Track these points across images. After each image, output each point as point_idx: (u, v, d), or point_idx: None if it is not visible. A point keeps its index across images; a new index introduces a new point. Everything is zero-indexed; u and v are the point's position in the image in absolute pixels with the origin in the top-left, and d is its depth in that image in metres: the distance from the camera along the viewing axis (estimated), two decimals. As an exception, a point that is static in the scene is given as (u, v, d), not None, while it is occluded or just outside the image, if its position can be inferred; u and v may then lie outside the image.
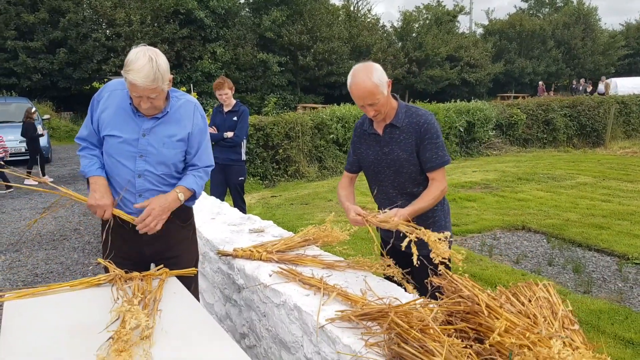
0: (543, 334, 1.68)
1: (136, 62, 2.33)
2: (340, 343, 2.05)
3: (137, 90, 2.38)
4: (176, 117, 2.62)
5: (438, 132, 2.74)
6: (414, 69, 35.02)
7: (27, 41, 23.95)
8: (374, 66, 2.66)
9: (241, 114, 6.01)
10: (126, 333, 1.70)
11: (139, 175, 2.58)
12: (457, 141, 14.23)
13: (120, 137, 2.54)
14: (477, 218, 7.19)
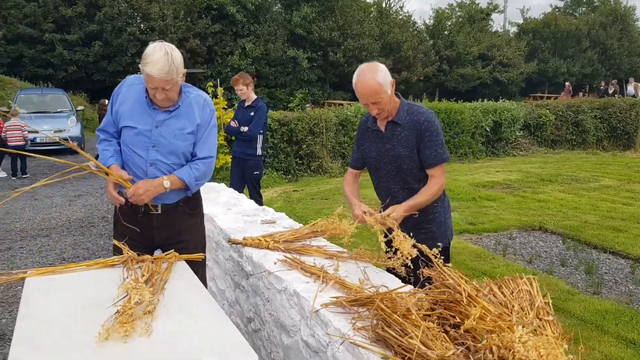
0: (513, 322, 1.79)
1: (153, 55, 2.52)
2: (332, 326, 2.18)
3: (153, 82, 2.56)
4: (187, 111, 2.80)
5: (438, 130, 2.85)
6: (444, 67, 34.82)
7: (64, 34, 24.64)
8: (379, 66, 2.78)
9: (258, 109, 6.18)
10: (130, 307, 1.87)
11: (150, 164, 2.78)
12: (482, 141, 14.18)
13: (135, 128, 2.74)
14: (495, 217, 7.23)
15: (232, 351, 1.71)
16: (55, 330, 1.84)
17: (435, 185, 2.82)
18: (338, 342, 2.13)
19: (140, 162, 2.78)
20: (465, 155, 13.73)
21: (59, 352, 1.69)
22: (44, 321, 1.90)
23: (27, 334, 1.82)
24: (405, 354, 1.85)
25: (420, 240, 2.97)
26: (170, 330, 1.85)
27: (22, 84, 22.00)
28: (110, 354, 1.67)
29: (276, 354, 2.84)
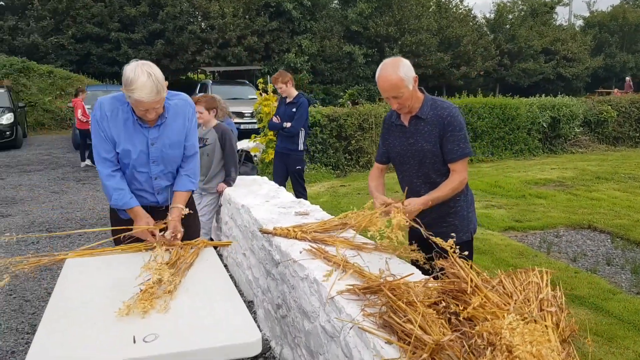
0: (510, 311, 1.84)
1: (137, 81, 2.55)
2: (344, 312, 2.28)
3: (143, 106, 2.64)
4: (174, 119, 2.92)
5: (461, 124, 2.87)
6: (505, 61, 33.95)
7: (129, 33, 25.64)
8: (401, 61, 2.82)
9: (299, 105, 6.31)
10: (152, 286, 2.03)
11: (155, 177, 2.96)
12: (539, 137, 13.80)
13: (133, 149, 2.84)
14: (542, 215, 7.09)
15: (237, 330, 1.83)
16: (84, 303, 2.03)
17: (455, 180, 2.85)
18: (349, 327, 2.22)
19: (145, 177, 2.95)
20: (521, 152, 13.42)
21: (83, 321, 1.87)
22: (75, 295, 2.10)
23: (59, 305, 2.01)
24: (407, 339, 1.92)
25: (442, 234, 3.01)
26: (186, 308, 2.00)
27: (90, 80, 23.08)
28: (128, 326, 1.83)
29: (299, 339, 2.96)
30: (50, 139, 17.59)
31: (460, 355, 1.71)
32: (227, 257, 5.24)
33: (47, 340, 1.74)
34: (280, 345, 3.41)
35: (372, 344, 2.01)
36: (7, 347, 3.64)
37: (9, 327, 3.96)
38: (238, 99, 16.33)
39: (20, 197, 8.78)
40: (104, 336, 1.77)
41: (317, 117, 10.42)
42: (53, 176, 10.78)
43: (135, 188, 2.96)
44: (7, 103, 15.48)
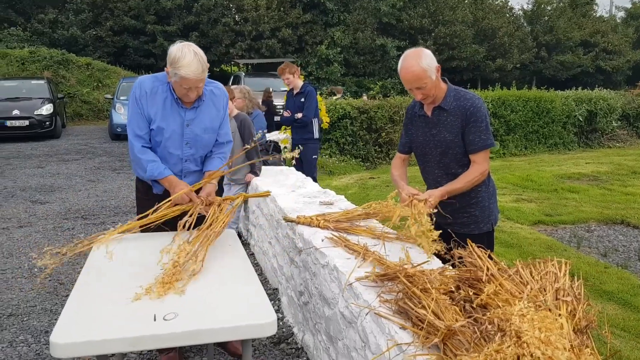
0: (524, 298, 1.84)
1: (184, 58, 2.66)
2: (361, 298, 2.32)
3: (188, 83, 2.73)
4: (209, 104, 3.01)
5: (484, 115, 2.85)
6: (542, 54, 33.28)
7: (165, 25, 26.05)
8: (423, 51, 2.82)
9: (307, 94, 6.38)
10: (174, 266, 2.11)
11: (185, 160, 3.03)
12: (575, 131, 13.53)
13: (168, 128, 2.92)
14: (574, 209, 6.98)
15: (254, 311, 1.89)
16: (109, 283, 2.12)
17: (476, 172, 2.84)
18: (365, 313, 2.26)
19: (176, 159, 3.01)
20: (555, 145, 13.19)
21: (107, 300, 1.95)
22: (101, 276, 2.19)
23: (86, 284, 2.11)
24: (421, 324, 1.95)
25: (462, 224, 3.04)
26: (206, 289, 2.07)
27: (126, 72, 23.53)
28: (150, 305, 1.91)
29: (320, 325, 3.01)
30: (88, 130, 18.03)
31: (472, 340, 1.73)
32: (254, 246, 5.32)
33: (72, 318, 1.82)
34: (302, 332, 3.46)
35: (387, 329, 2.04)
36: (42, 327, 3.80)
37: (43, 308, 4.12)
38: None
39: (58, 185, 9.05)
40: (126, 314, 1.84)
41: (347, 109, 10.43)
42: (89, 165, 11.07)
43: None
44: (47, 94, 15.91)
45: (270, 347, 3.49)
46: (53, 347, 1.65)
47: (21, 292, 4.44)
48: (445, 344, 1.81)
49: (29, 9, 26.80)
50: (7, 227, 6.42)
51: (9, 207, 7.44)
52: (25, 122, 14.57)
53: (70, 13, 26.43)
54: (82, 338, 1.67)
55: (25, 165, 11.06)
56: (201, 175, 3.14)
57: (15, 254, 5.42)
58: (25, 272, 4.91)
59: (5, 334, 3.70)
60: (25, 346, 3.53)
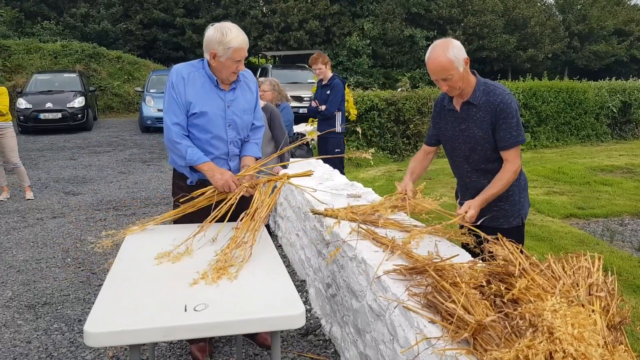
0: (556, 293, 1.81)
1: (231, 32, 2.78)
2: (390, 292, 2.31)
3: (241, 53, 2.83)
4: (243, 87, 3.06)
5: (514, 111, 2.76)
6: (575, 43, 32.57)
7: (193, 18, 26.26)
8: (452, 42, 2.76)
9: (333, 87, 6.34)
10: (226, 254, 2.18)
11: (230, 142, 3.04)
12: (608, 122, 13.23)
13: (210, 112, 2.94)
14: (607, 202, 6.83)
15: (282, 303, 1.90)
16: (141, 273, 2.15)
17: (508, 172, 2.77)
18: (394, 306, 2.25)
19: (221, 143, 3.01)
20: (588, 137, 12.91)
21: (140, 290, 1.99)
22: (133, 266, 2.23)
23: (118, 275, 2.15)
24: (450, 319, 1.94)
25: (491, 218, 2.99)
26: (235, 281, 2.09)
27: (156, 65, 23.81)
28: (181, 296, 1.93)
29: (347, 317, 3.01)
30: (119, 122, 18.32)
31: (502, 335, 1.71)
32: (282, 238, 5.35)
33: (106, 307, 1.86)
34: (329, 324, 3.48)
35: (416, 323, 2.04)
36: (75, 316, 3.89)
37: (77, 297, 4.21)
38: (297, 83, 16.47)
39: (90, 177, 9.23)
40: (157, 304, 1.87)
41: (374, 100, 10.37)
42: (120, 157, 11.26)
43: (210, 154, 2.99)
44: (79, 87, 16.22)
45: (298, 339, 3.51)
46: (87, 336, 1.69)
47: (55, 281, 4.55)
48: (475, 339, 1.80)
49: (61, 3, 27.28)
50: (41, 218, 6.58)
51: (43, 198, 7.61)
52: (58, 114, 14.89)
53: (101, 7, 26.83)
54: (115, 327, 1.70)
55: (58, 157, 11.30)
56: (240, 160, 3.15)
57: (49, 244, 5.55)
58: (59, 261, 5.03)
59: (40, 322, 3.80)
60: (60, 334, 3.62)
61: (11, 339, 3.56)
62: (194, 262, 2.29)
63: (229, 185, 2.87)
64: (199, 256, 2.36)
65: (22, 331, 3.66)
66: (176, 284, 2.05)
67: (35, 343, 3.50)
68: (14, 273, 4.73)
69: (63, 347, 3.44)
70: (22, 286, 4.44)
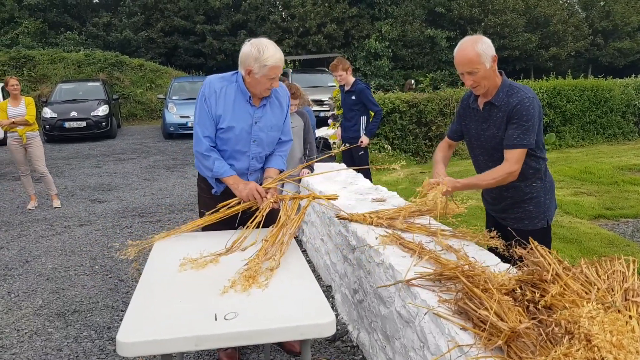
0: (592, 299, 1.77)
1: (268, 50, 2.78)
2: (419, 298, 2.28)
3: (277, 71, 2.84)
4: (274, 103, 3.06)
5: (530, 114, 2.68)
6: (598, 40, 32.06)
7: (213, 24, 26.50)
8: (482, 38, 2.74)
9: (359, 92, 6.29)
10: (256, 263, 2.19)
11: (252, 157, 3.07)
12: (635, 120, 12.98)
13: (238, 127, 2.96)
14: (637, 203, 6.69)
15: (312, 311, 1.90)
16: (171, 282, 2.17)
17: (501, 171, 2.70)
18: (424, 313, 2.23)
19: (243, 157, 3.05)
20: (614, 136, 12.68)
21: (170, 299, 2.00)
22: (163, 275, 2.25)
23: (149, 283, 2.17)
24: (482, 326, 1.91)
25: (516, 219, 2.96)
26: (265, 289, 2.09)
27: (177, 72, 24.06)
28: (211, 304, 1.93)
29: (375, 323, 2.99)
30: (142, 129, 18.54)
31: (537, 343, 1.68)
32: (306, 243, 5.34)
33: (137, 316, 1.87)
34: (357, 330, 3.45)
35: (447, 330, 2.01)
36: (104, 323, 3.93)
37: (105, 305, 4.26)
38: (317, 87, 16.49)
39: (115, 184, 9.35)
40: (188, 313, 1.88)
41: (396, 103, 10.32)
42: (145, 164, 11.38)
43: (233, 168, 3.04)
44: (103, 95, 16.46)
45: (326, 345, 3.49)
46: (120, 346, 1.70)
47: (84, 289, 4.60)
48: (509, 346, 1.76)
49: (84, 13, 27.75)
50: (68, 226, 6.68)
51: (70, 207, 7.73)
52: (83, 123, 15.13)
53: (123, 16, 27.22)
54: (147, 337, 1.71)
55: (84, 165, 11.47)
56: (262, 173, 3.19)
57: (77, 252, 5.63)
58: (87, 269, 5.09)
59: (70, 329, 3.85)
60: (90, 342, 3.66)
61: (42, 346, 3.61)
62: (222, 270, 2.29)
63: (253, 194, 2.90)
64: (226, 265, 2.37)
65: (52, 339, 3.71)
66: (205, 292, 2.06)
67: (66, 351, 3.54)
68: (44, 281, 4.80)
69: (93, 355, 3.48)
70: (51, 294, 4.50)
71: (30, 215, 7.30)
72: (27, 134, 7.39)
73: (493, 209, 3.10)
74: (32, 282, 4.78)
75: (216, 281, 2.14)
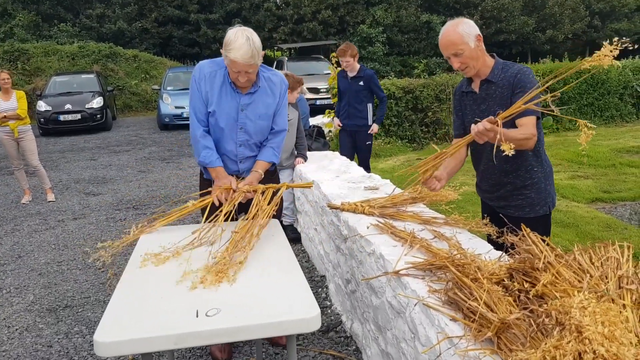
0: (584, 288, 1.72)
1: (236, 42, 2.69)
2: (409, 288, 2.23)
3: (237, 66, 2.75)
4: (265, 91, 3.00)
5: (532, 82, 2.63)
6: (596, 22, 31.80)
7: (207, 13, 26.28)
8: (463, 20, 2.70)
9: (367, 78, 6.12)
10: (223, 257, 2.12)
11: (240, 144, 3.03)
12: (633, 102, 12.88)
13: (223, 112, 2.95)
14: (634, 185, 6.64)
15: (297, 306, 1.84)
16: (153, 277, 2.11)
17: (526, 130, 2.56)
18: (414, 303, 2.18)
19: (230, 144, 3.03)
20: (612, 118, 12.60)
21: (151, 295, 1.94)
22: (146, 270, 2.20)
23: (131, 278, 2.12)
24: (472, 316, 1.86)
25: (517, 207, 2.90)
26: (248, 283, 2.03)
27: (172, 63, 23.90)
28: (193, 300, 1.88)
29: (368, 314, 2.94)
30: (137, 121, 18.42)
31: (527, 334, 1.63)
32: (301, 232, 5.29)
33: (116, 315, 1.82)
34: (350, 320, 3.41)
35: (437, 321, 1.96)
36: (96, 319, 3.88)
37: (97, 300, 4.21)
38: (313, 75, 16.37)
39: (110, 177, 9.28)
40: (168, 310, 1.83)
41: (391, 89, 10.23)
42: (140, 156, 11.30)
43: (220, 153, 3.06)
44: (97, 87, 16.34)
45: (319, 336, 3.45)
46: (97, 346, 1.65)
47: (76, 283, 4.56)
48: (499, 338, 1.71)
49: (77, 5, 27.51)
50: (62, 220, 6.62)
51: (64, 200, 7.67)
52: (78, 115, 15.02)
53: (116, 7, 26.98)
54: (125, 336, 1.66)
55: (79, 158, 11.40)
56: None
57: (70, 246, 5.58)
58: (79, 263, 5.04)
59: (61, 325, 3.80)
60: (80, 337, 3.62)
61: (33, 343, 3.56)
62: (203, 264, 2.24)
63: (219, 200, 2.90)
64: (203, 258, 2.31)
65: (43, 335, 3.67)
66: (187, 287, 2.00)
67: (56, 347, 3.50)
68: (36, 276, 4.76)
69: (84, 351, 3.43)
70: (43, 289, 4.46)
71: (24, 209, 7.25)
72: (19, 128, 7.31)
73: (491, 197, 3.03)
74: (24, 278, 4.73)
75: (199, 277, 2.08)
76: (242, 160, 3.09)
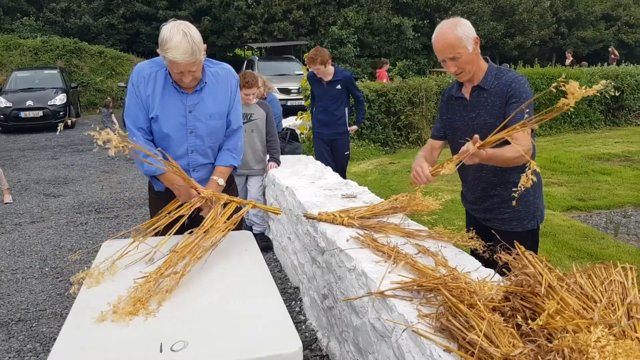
0: (595, 320, 1.56)
1: (172, 40, 2.38)
2: (396, 311, 2.05)
3: (178, 67, 2.46)
4: (214, 88, 2.72)
5: (527, 92, 2.51)
6: (562, 29, 32.34)
7: (176, 10, 25.72)
8: (460, 20, 2.51)
9: (345, 81, 5.71)
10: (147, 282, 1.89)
11: (192, 151, 2.74)
12: (601, 109, 13.03)
13: (169, 116, 2.64)
14: (608, 193, 6.61)
15: (275, 337, 1.63)
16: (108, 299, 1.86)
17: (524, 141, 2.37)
18: (401, 329, 1.99)
19: (181, 151, 2.72)
20: (581, 124, 12.71)
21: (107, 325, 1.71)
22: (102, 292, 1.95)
23: (85, 304, 1.87)
24: (469, 348, 1.68)
25: (505, 220, 2.74)
26: (220, 309, 1.82)
27: (139, 59, 23.29)
28: (155, 331, 1.65)
29: (347, 333, 2.75)
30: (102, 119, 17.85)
31: (535, 372, 1.46)
32: (273, 240, 5.07)
33: (67, 346, 1.58)
34: (327, 338, 3.21)
35: (429, 351, 1.78)
36: (51, 334, 3.59)
37: (53, 312, 3.92)
38: (285, 75, 16.13)
39: (72, 177, 8.89)
40: (128, 341, 1.60)
41: (365, 92, 10.07)
42: (104, 156, 10.89)
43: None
44: (60, 84, 15.80)
45: (293, 354, 3.23)
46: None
47: (31, 294, 4.24)
48: (501, 375, 1.54)
49: (40, -2, 26.65)
50: (19, 223, 6.26)
51: (22, 202, 7.28)
52: (39, 112, 14.50)
53: (82, 1, 26.19)
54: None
55: (40, 156, 10.94)
56: (212, 169, 2.87)
57: (26, 252, 5.24)
58: (36, 271, 4.72)
59: (13, 342, 3.50)
60: (34, 356, 3.33)
61: (-20, 362, 3.27)
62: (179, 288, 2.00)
63: (190, 194, 2.59)
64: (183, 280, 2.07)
65: (-8, 353, 3.37)
66: (150, 315, 1.77)
67: (6, 367, 3.21)
68: (-13, 286, 4.43)
69: (36, 371, 3.15)
70: (-6, 301, 4.14)
71: (-23, 212, 6.84)
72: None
73: (477, 209, 2.87)
74: (-27, 288, 4.39)
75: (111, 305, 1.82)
76: (195, 168, 2.79)
